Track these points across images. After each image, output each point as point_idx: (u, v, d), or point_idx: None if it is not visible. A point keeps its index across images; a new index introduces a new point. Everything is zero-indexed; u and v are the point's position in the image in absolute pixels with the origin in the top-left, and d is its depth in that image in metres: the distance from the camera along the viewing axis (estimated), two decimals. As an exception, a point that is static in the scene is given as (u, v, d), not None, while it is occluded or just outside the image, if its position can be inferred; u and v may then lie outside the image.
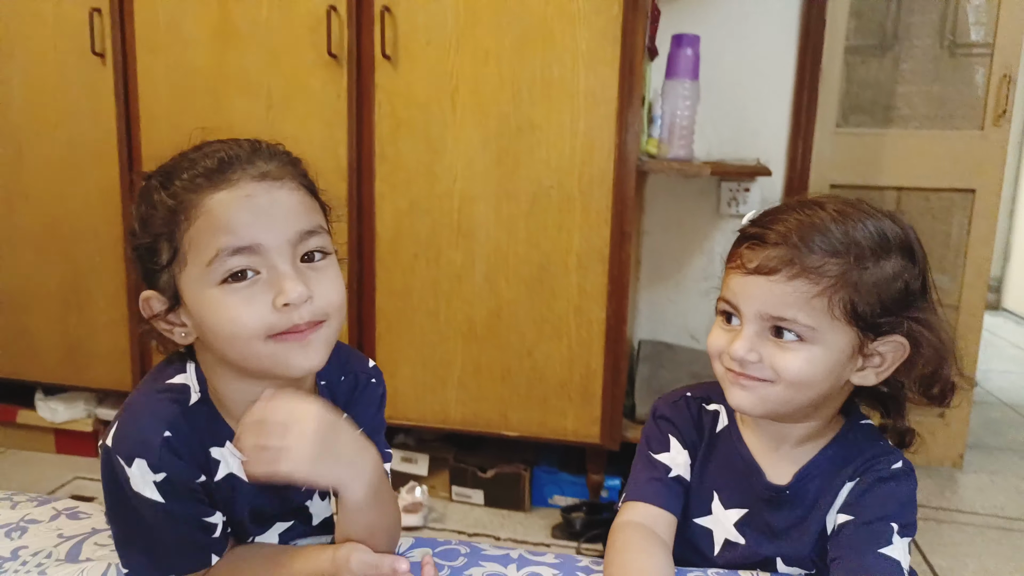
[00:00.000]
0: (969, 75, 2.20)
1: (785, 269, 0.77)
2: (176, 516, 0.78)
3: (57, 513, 0.96)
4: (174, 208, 0.74)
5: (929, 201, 2.29)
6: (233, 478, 0.83)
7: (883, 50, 2.24)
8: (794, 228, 0.78)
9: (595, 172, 1.82)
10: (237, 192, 0.75)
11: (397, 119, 1.89)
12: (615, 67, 1.77)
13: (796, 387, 0.78)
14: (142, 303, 0.77)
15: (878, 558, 0.76)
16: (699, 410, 0.93)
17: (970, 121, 2.22)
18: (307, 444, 0.72)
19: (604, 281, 1.85)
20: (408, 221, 1.92)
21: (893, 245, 0.78)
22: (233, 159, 0.76)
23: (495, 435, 1.98)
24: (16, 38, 2.05)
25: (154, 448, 0.76)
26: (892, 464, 0.83)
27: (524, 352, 1.92)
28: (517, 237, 1.87)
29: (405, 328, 1.96)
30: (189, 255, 0.74)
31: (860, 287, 0.76)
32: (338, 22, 1.86)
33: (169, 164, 0.78)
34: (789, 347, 0.78)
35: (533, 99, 1.82)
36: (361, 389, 0.91)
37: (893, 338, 0.78)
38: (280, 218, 0.76)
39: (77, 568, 0.85)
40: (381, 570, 0.75)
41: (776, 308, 0.77)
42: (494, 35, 1.81)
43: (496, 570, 0.87)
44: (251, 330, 0.74)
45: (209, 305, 0.74)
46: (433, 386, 1.98)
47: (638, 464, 0.92)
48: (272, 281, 0.75)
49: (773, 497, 0.86)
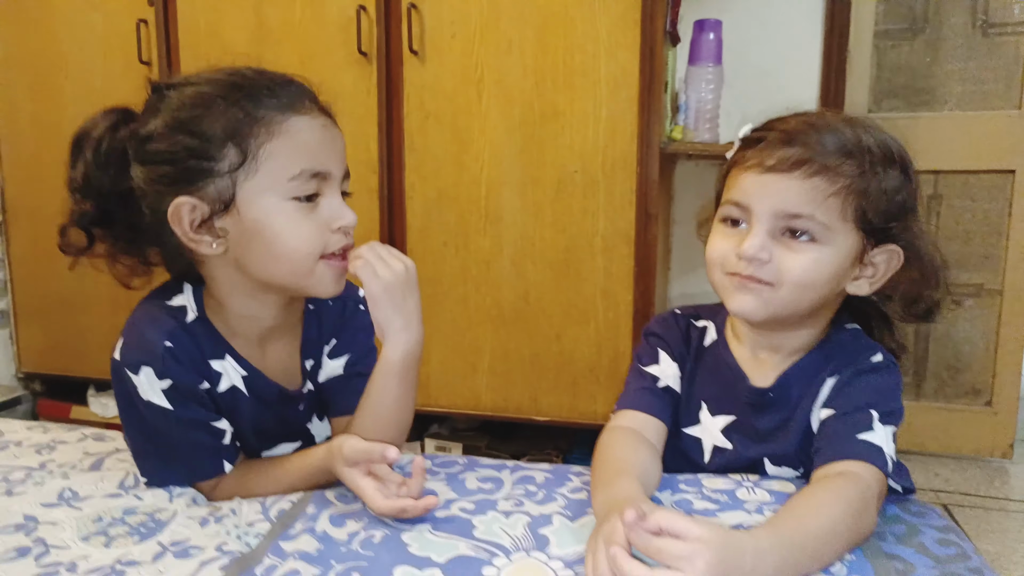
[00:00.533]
0: (1004, 54, 2.16)
1: (805, 166, 0.78)
2: (185, 422, 0.83)
3: (84, 437, 1.02)
4: (248, 117, 0.79)
5: (968, 184, 2.24)
6: (235, 391, 0.88)
7: (914, 33, 2.22)
8: (810, 129, 0.79)
9: (618, 155, 1.84)
10: (314, 121, 0.83)
11: (425, 111, 1.94)
12: (635, 52, 1.80)
13: (801, 289, 0.80)
14: (172, 211, 0.80)
15: (857, 443, 0.76)
16: (688, 325, 0.95)
17: (1007, 101, 2.18)
18: (391, 276, 0.83)
19: (630, 264, 1.86)
20: (437, 210, 1.97)
21: (896, 157, 0.80)
22: (302, 88, 0.85)
23: (526, 420, 2.00)
24: (68, 51, 2.18)
25: (157, 355, 0.81)
26: (872, 357, 0.83)
27: (552, 336, 1.94)
28: (543, 222, 1.90)
29: (435, 315, 2.00)
30: (264, 166, 0.80)
31: (870, 192, 0.78)
32: (367, 20, 1.93)
33: (216, 77, 0.82)
34: (800, 248, 0.79)
35: (556, 86, 1.86)
36: (351, 314, 0.96)
37: (890, 247, 0.80)
38: (340, 153, 0.86)
39: (98, 475, 0.91)
40: (372, 455, 0.79)
41: (795, 205, 0.78)
42: (516, 26, 1.86)
43: (491, 475, 0.89)
44: (312, 245, 0.82)
45: (277, 215, 0.81)
46: (464, 372, 2.01)
47: (629, 377, 0.94)
48: (329, 207, 0.83)
49: (757, 400, 0.87)
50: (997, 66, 2.17)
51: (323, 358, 0.97)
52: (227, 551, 0.74)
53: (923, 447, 2.33)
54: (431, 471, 0.92)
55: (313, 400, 0.98)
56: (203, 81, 0.82)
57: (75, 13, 2.15)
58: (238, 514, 0.82)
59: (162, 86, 0.84)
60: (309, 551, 0.74)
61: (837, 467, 0.75)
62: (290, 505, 0.83)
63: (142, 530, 0.80)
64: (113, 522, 0.81)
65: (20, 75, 2.23)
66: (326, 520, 0.80)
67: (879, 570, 0.69)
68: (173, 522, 0.81)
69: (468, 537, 0.76)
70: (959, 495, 2.10)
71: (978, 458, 2.31)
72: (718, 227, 0.86)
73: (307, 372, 0.96)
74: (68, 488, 0.88)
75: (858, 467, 0.74)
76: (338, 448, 0.81)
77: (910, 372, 2.34)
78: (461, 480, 0.89)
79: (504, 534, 0.77)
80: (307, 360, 0.96)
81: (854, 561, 0.70)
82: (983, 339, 2.27)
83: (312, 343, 0.96)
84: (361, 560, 0.72)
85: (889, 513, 0.80)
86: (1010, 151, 2.18)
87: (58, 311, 2.32)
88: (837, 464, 0.76)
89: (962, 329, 2.29)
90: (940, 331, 2.30)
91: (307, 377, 0.96)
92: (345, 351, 0.97)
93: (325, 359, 0.97)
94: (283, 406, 0.93)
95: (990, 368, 2.27)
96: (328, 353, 0.97)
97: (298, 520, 0.80)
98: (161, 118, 0.81)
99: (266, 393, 0.91)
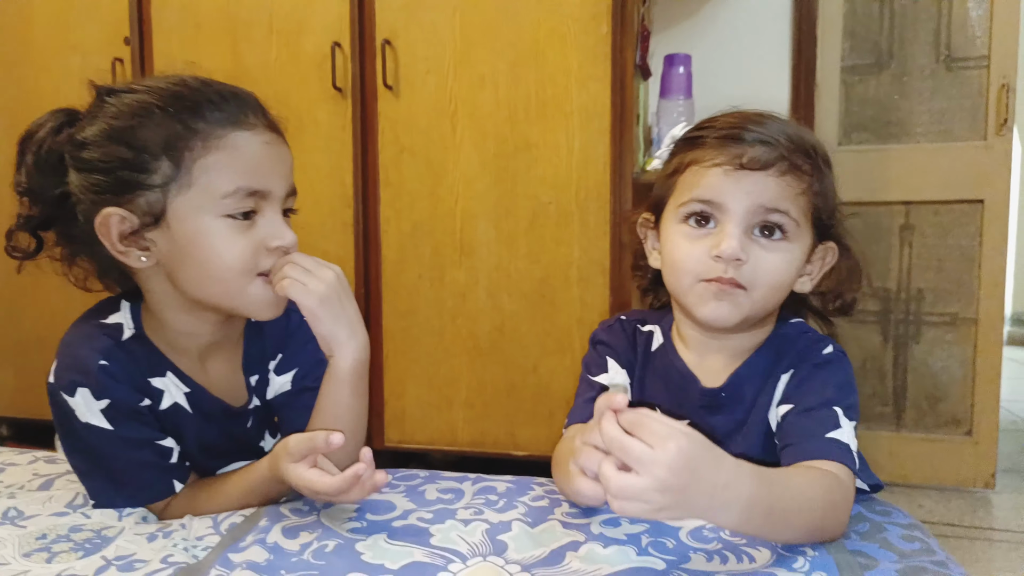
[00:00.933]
0: (968, 87, 2.21)
1: (778, 164, 0.78)
2: (129, 441, 0.81)
3: (35, 459, 0.99)
4: (186, 131, 0.77)
5: (939, 214, 2.27)
6: (178, 408, 0.85)
7: (880, 68, 2.27)
8: (771, 127, 0.80)
9: (591, 186, 1.85)
10: (258, 137, 0.80)
11: (400, 145, 1.96)
12: (607, 84, 1.82)
13: (773, 290, 0.80)
14: (99, 221, 0.78)
15: (828, 443, 0.75)
16: (634, 331, 0.94)
17: (973, 132, 2.22)
18: (324, 287, 0.79)
19: (606, 293, 1.86)
20: (412, 243, 1.97)
21: (827, 157, 0.81)
22: (248, 102, 0.82)
23: (504, 456, 1.97)
24: (45, 91, 2.19)
25: (92, 374, 0.78)
26: (823, 350, 0.83)
27: (529, 368, 1.92)
28: (518, 253, 1.90)
29: (411, 348, 1.98)
30: (198, 181, 0.77)
31: (821, 191, 0.79)
32: (342, 57, 1.96)
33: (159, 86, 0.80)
34: (773, 247, 0.79)
35: (529, 119, 1.88)
36: (295, 328, 0.94)
37: (828, 244, 0.81)
38: (284, 172, 0.83)
39: (46, 495, 0.88)
40: (315, 442, 0.76)
41: (774, 200, 0.78)
42: (489, 60, 1.89)
43: (452, 486, 0.87)
44: (245, 263, 0.79)
45: (209, 233, 0.78)
46: (440, 406, 1.98)
47: (579, 390, 0.93)
48: (266, 225, 0.80)
49: (710, 402, 0.86)
50: (962, 98, 2.22)
51: (269, 374, 0.95)
52: (172, 562, 0.72)
53: (906, 479, 2.30)
54: (391, 484, 0.90)
55: (262, 416, 0.95)
56: (145, 89, 0.80)
57: (53, 54, 2.17)
58: (188, 528, 0.79)
59: (103, 91, 0.81)
60: (258, 561, 0.71)
61: (809, 465, 0.74)
62: (242, 519, 0.81)
63: (87, 546, 0.77)
64: (57, 539, 0.78)
65: (-4, 116, 2.23)
66: (278, 532, 0.77)
67: (841, 564, 0.67)
68: (119, 538, 0.78)
69: (424, 545, 0.74)
70: (943, 526, 2.07)
71: (961, 488, 2.28)
72: (680, 228, 0.83)
73: (252, 388, 0.94)
74: (13, 507, 0.85)
75: (831, 467, 0.73)
76: (282, 447, 0.79)
77: (890, 403, 2.33)
78: (421, 492, 0.87)
79: (461, 541, 0.75)
80: (251, 376, 0.94)
81: (816, 557, 0.68)
82: (960, 368, 2.27)
83: (254, 358, 0.94)
84: (312, 569, 0.70)
85: (853, 512, 0.78)
86: (978, 181, 2.21)
87: (28, 354, 2.28)
88: (809, 463, 0.74)
89: (939, 359, 2.29)
90: (917, 360, 2.30)
91: (253, 393, 0.94)
92: (292, 366, 0.95)
93: (272, 375, 0.95)
94: (228, 422, 0.91)
95: (968, 397, 2.26)
96: (274, 368, 0.95)
97: (249, 533, 0.77)
98: (98, 125, 0.79)
99: (210, 409, 0.89)
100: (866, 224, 2.28)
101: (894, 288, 2.32)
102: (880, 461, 2.31)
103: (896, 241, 2.29)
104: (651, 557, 0.70)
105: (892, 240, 2.29)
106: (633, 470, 0.56)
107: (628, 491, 0.56)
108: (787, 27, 2.19)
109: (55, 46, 2.16)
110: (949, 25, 2.21)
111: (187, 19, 2.05)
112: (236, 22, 2.02)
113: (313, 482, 0.76)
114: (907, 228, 2.28)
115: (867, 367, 2.35)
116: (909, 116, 2.26)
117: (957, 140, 2.23)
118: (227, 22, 2.02)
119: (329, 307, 0.80)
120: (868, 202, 2.28)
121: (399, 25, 1.92)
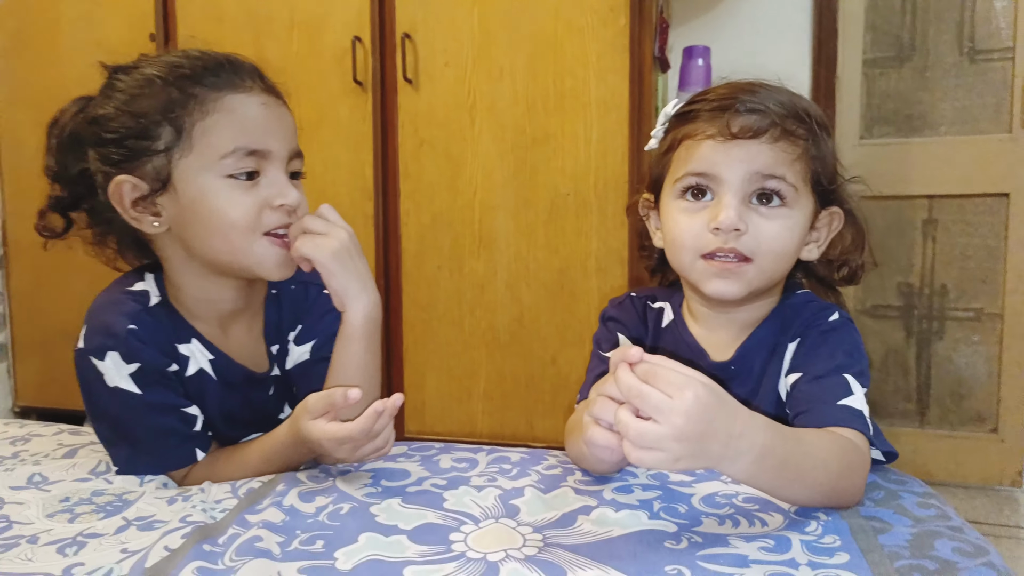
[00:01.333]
0: (992, 79, 2.19)
1: (770, 131, 0.78)
2: (155, 406, 0.82)
3: (60, 431, 1.01)
4: (184, 97, 0.80)
5: (963, 208, 2.24)
6: (203, 374, 0.87)
7: (901, 61, 2.25)
8: (759, 93, 0.80)
9: (610, 177, 1.85)
10: (254, 98, 0.83)
11: (419, 138, 1.97)
12: (625, 76, 1.83)
13: (777, 258, 0.79)
14: (112, 189, 0.81)
15: (841, 410, 0.74)
16: (644, 307, 0.94)
17: (997, 125, 2.19)
18: (336, 243, 0.81)
19: (624, 283, 1.86)
20: (431, 235, 1.98)
21: (825, 122, 0.81)
22: (243, 67, 0.85)
23: (523, 447, 1.96)
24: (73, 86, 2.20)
25: (122, 338, 0.80)
26: (829, 317, 0.82)
27: (548, 359, 1.92)
28: (536, 244, 1.91)
29: (431, 339, 1.99)
30: (198, 144, 0.80)
31: (819, 156, 0.79)
32: (362, 51, 1.98)
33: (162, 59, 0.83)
34: (773, 214, 0.79)
35: (547, 111, 1.88)
36: (314, 299, 0.96)
37: (832, 209, 0.80)
38: (285, 133, 0.85)
39: (70, 462, 0.89)
40: (333, 398, 0.77)
41: (768, 167, 0.78)
42: (508, 53, 1.90)
43: (466, 456, 0.88)
44: (248, 220, 0.81)
45: (212, 193, 0.80)
46: (459, 397, 1.99)
47: (590, 365, 0.93)
48: (270, 185, 0.82)
49: (719, 376, 0.85)
50: (986, 91, 2.20)
51: (289, 344, 0.97)
52: (191, 522, 0.73)
53: (930, 476, 2.27)
54: (407, 454, 0.91)
55: (282, 386, 0.97)
56: (148, 63, 0.84)
57: (79, 50, 2.21)
58: (206, 492, 0.81)
59: (112, 70, 0.86)
60: (274, 522, 0.72)
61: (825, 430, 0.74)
62: (259, 484, 0.82)
63: (108, 508, 0.78)
64: (80, 502, 0.80)
65: (25, 111, 2.28)
66: (295, 496, 0.78)
67: (854, 528, 0.66)
68: (140, 501, 0.80)
69: (438, 508, 0.75)
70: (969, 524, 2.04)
71: (986, 486, 2.25)
72: (677, 203, 0.83)
73: (273, 357, 0.96)
74: (38, 473, 0.87)
75: (846, 433, 0.73)
76: (301, 407, 0.80)
77: (913, 399, 2.31)
78: (436, 461, 0.88)
79: (474, 504, 0.75)
80: (272, 345, 0.96)
81: (829, 521, 0.68)
82: (985, 364, 2.24)
83: (274, 327, 0.96)
84: (327, 529, 0.71)
85: (868, 481, 0.78)
86: (1003, 175, 2.19)
87: (56, 345, 2.32)
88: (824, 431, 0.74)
89: (964, 354, 2.26)
90: (941, 357, 2.28)
91: (273, 362, 0.96)
92: (311, 336, 0.97)
93: (292, 345, 0.97)
94: (250, 389, 0.93)
95: (994, 394, 2.23)
96: (294, 339, 0.97)
97: (267, 497, 0.78)
98: (109, 101, 0.83)
99: (233, 376, 0.91)
100: (888, 218, 2.26)
101: (917, 283, 2.29)
102: (903, 459, 2.26)
103: (919, 236, 2.27)
104: (663, 521, 0.70)
105: (915, 235, 2.27)
106: (651, 419, 0.56)
107: (646, 438, 0.56)
108: (807, 20, 2.18)
109: (82, 43, 2.21)
110: (973, 17, 2.19)
111: (210, 14, 2.08)
112: (258, 17, 2.05)
113: (335, 431, 0.77)
114: (930, 222, 2.26)
115: (890, 363, 2.33)
116: (932, 109, 2.24)
117: (981, 133, 2.21)
118: (249, 17, 2.05)
119: (341, 262, 0.82)
120: (890, 196, 2.26)
121: (418, 19, 1.94)
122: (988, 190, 2.21)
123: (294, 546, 0.67)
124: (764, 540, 0.65)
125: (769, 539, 0.65)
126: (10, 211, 2.34)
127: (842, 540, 0.65)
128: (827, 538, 0.66)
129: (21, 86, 2.29)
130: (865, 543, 0.64)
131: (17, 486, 0.84)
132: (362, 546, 0.67)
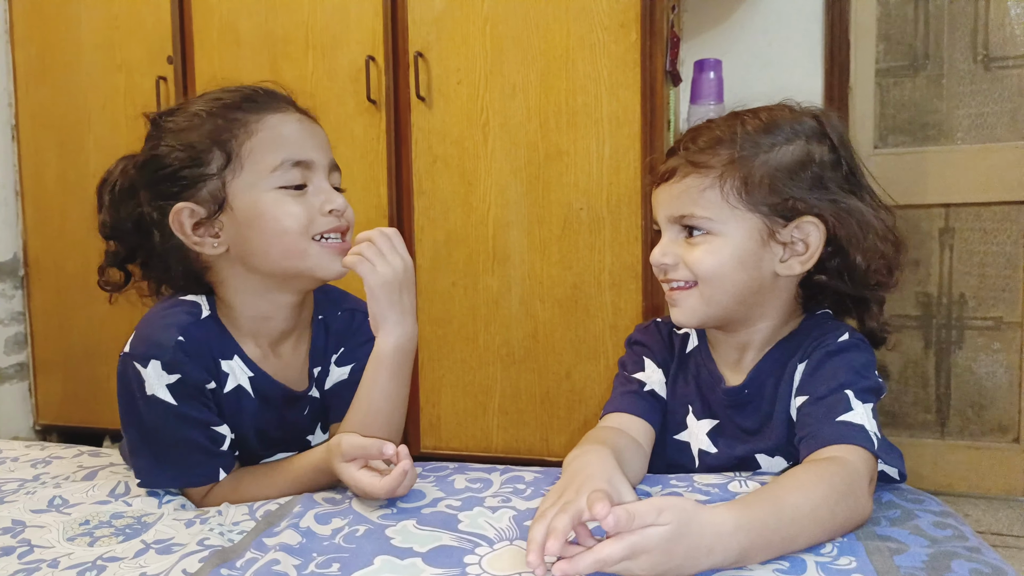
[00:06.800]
0: (1007, 87, 2.18)
1: (678, 171, 0.82)
2: (186, 419, 0.84)
3: (80, 453, 1.02)
4: (228, 122, 0.86)
5: (980, 216, 2.23)
6: (240, 391, 0.89)
7: (915, 70, 2.24)
8: (687, 136, 0.85)
9: (623, 192, 1.86)
10: (290, 116, 0.90)
11: (433, 155, 1.99)
12: (636, 91, 1.83)
13: (712, 283, 0.81)
14: (172, 217, 0.86)
15: (837, 426, 0.74)
16: (670, 333, 0.95)
17: (1013, 133, 2.18)
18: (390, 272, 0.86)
19: (639, 299, 1.86)
20: (446, 251, 1.99)
21: (797, 132, 0.80)
22: (276, 93, 0.93)
23: (538, 462, 1.97)
24: (92, 109, 2.27)
25: (168, 349, 0.83)
26: (839, 338, 0.82)
27: (562, 374, 1.92)
28: (550, 260, 1.91)
29: (446, 355, 2.00)
30: (247, 162, 0.86)
31: (753, 173, 0.79)
32: (376, 70, 2.00)
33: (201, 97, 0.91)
34: (696, 242, 0.82)
35: (560, 126, 1.89)
36: (358, 325, 0.98)
37: (806, 220, 0.79)
38: (322, 144, 0.92)
39: (90, 484, 0.91)
40: (369, 451, 0.79)
41: (676, 208, 0.82)
42: (520, 70, 1.91)
43: (480, 476, 0.88)
44: (301, 224, 0.86)
45: (265, 205, 0.86)
46: (474, 412, 1.99)
47: (615, 384, 0.94)
48: (316, 193, 0.88)
49: (734, 400, 0.86)
50: (1001, 99, 2.18)
51: (331, 366, 1.00)
52: (209, 545, 0.74)
53: (951, 488, 2.25)
54: (421, 475, 0.91)
55: (317, 408, 0.99)
56: (190, 103, 0.91)
57: (99, 73, 2.25)
58: (224, 515, 0.82)
59: (157, 116, 0.92)
60: (291, 544, 0.73)
61: (823, 454, 0.73)
62: (276, 507, 0.83)
63: (127, 531, 0.80)
64: (99, 525, 0.81)
65: (47, 134, 2.32)
66: (311, 518, 0.79)
67: (870, 549, 0.66)
68: (159, 523, 0.81)
69: (452, 530, 0.75)
70: (990, 535, 2.01)
71: (1009, 497, 2.22)
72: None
73: (314, 378, 0.99)
74: (59, 496, 0.89)
75: (843, 451, 0.72)
76: (336, 444, 0.82)
77: (932, 410, 2.29)
78: (450, 481, 0.89)
79: (489, 526, 0.75)
80: (315, 367, 0.99)
81: (844, 543, 0.68)
82: (1006, 373, 2.22)
83: (320, 351, 0.99)
84: (343, 552, 0.71)
85: (884, 500, 0.77)
86: (1020, 182, 2.17)
87: (77, 363, 2.35)
88: (823, 451, 0.73)
89: (983, 364, 2.24)
90: (961, 367, 2.25)
91: (313, 382, 0.99)
92: (352, 359, 1.00)
93: (332, 366, 1.00)
94: (286, 407, 0.95)
95: (1015, 403, 2.21)
96: (336, 360, 1.00)
97: (284, 519, 0.79)
98: (160, 142, 0.89)
99: (271, 393, 0.93)
100: (904, 228, 2.24)
101: (935, 293, 2.28)
102: (923, 470, 2.26)
103: (936, 245, 2.26)
104: (677, 542, 0.70)
105: (932, 244, 2.26)
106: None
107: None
108: (819, 31, 2.18)
109: (102, 66, 2.24)
110: (987, 25, 2.18)
111: (227, 37, 2.11)
112: (275, 39, 2.08)
113: (365, 484, 0.80)
114: (947, 231, 2.25)
115: (908, 374, 2.31)
116: (947, 118, 2.23)
117: (997, 141, 2.19)
118: (266, 39, 2.08)
119: (388, 292, 0.86)
120: (906, 205, 2.24)
121: (431, 38, 1.95)
122: (1005, 198, 2.19)
123: (311, 569, 0.68)
124: (779, 563, 0.65)
125: (784, 561, 0.65)
126: (31, 232, 2.37)
127: (858, 561, 0.65)
128: (842, 559, 0.65)
129: (42, 109, 2.33)
130: (881, 564, 0.64)
131: (38, 509, 0.85)
132: (377, 569, 0.68)
